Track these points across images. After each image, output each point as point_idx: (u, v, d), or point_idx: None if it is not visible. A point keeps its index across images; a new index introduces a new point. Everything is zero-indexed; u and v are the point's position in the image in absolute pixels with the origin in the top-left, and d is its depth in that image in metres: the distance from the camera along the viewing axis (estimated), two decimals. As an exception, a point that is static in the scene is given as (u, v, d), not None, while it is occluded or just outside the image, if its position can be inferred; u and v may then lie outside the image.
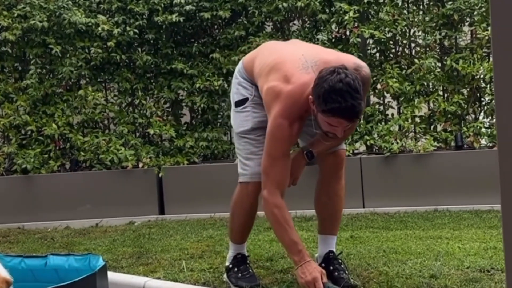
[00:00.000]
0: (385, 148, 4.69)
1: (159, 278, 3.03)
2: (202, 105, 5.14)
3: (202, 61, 5.20)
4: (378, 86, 4.96)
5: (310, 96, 2.43)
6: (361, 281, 2.72)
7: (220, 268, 3.14)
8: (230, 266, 2.89)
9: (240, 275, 2.84)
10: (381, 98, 5.03)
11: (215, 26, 5.42)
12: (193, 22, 5.25)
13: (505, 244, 1.43)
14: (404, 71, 4.94)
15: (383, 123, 4.92)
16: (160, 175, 4.91)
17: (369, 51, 5.08)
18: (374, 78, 4.92)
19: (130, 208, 4.86)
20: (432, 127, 4.93)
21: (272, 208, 2.60)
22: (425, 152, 4.62)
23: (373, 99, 5.09)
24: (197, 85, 5.06)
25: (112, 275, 2.87)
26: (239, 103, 2.76)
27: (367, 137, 4.83)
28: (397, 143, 4.70)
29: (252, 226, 2.95)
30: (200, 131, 5.16)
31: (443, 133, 4.77)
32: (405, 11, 5.02)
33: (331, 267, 2.78)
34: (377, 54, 5.10)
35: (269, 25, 5.31)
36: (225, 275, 2.93)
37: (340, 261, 2.84)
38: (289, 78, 2.50)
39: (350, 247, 3.42)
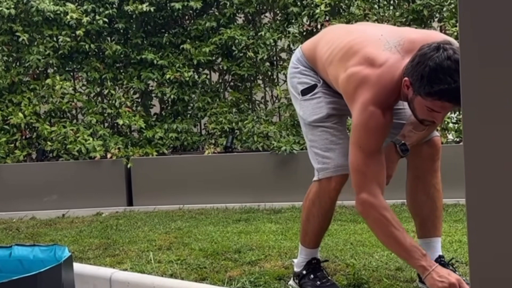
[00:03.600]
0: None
1: (126, 270, 3.00)
2: (172, 96, 5.11)
3: (172, 52, 5.16)
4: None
5: (406, 78, 2.10)
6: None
7: (188, 259, 3.13)
8: (304, 272, 2.57)
9: (319, 282, 2.53)
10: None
11: (186, 17, 5.38)
12: (164, 12, 5.20)
13: (469, 237, 1.45)
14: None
15: (352, 117, 4.96)
16: (128, 166, 4.87)
17: (339, 45, 5.10)
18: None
19: (98, 199, 4.81)
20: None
21: (381, 211, 2.18)
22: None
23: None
24: (168, 76, 5.02)
25: (78, 266, 2.84)
26: (306, 91, 2.48)
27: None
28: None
29: (328, 227, 2.62)
30: (170, 122, 5.13)
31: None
32: (376, 6, 5.05)
33: None
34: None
35: (240, 17, 5.30)
36: (293, 282, 2.63)
37: (454, 267, 2.52)
38: (374, 61, 2.18)
39: (318, 239, 3.44)
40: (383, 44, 2.22)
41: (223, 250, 3.27)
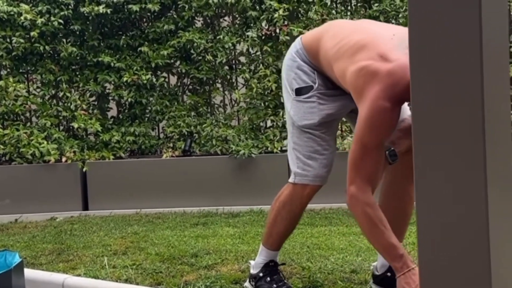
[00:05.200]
0: (312, 146, 4.75)
1: (79, 275, 2.94)
2: (129, 99, 5.05)
3: (130, 54, 5.10)
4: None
5: None
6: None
7: (143, 264, 3.09)
8: (261, 274, 2.54)
9: (275, 285, 2.51)
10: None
11: (144, 19, 5.33)
12: (121, 14, 5.14)
13: (419, 240, 1.47)
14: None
15: (310, 121, 4.98)
16: (84, 170, 4.79)
17: (298, 50, 5.12)
18: (303, 76, 4.97)
19: (52, 204, 4.71)
20: (357, 125, 5.04)
21: (364, 207, 2.14)
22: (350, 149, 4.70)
23: (301, 97, 5.14)
24: (125, 79, 4.97)
25: (29, 272, 2.78)
26: (301, 91, 2.39)
27: (294, 135, 4.87)
28: (324, 141, 4.76)
29: (293, 231, 2.60)
30: (127, 125, 5.07)
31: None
32: (333, 11, 5.10)
33: None
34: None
35: (199, 20, 5.28)
36: (248, 284, 2.60)
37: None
38: (386, 56, 2.10)
39: (275, 243, 3.44)
40: (396, 44, 2.14)
41: (179, 254, 3.25)
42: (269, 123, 5.11)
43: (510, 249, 1.44)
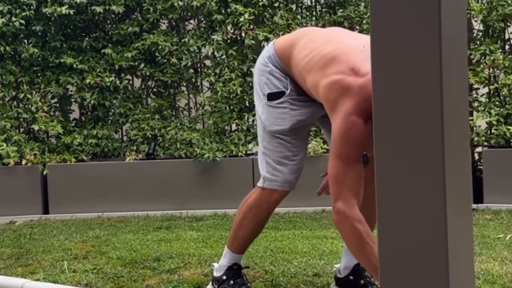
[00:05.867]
0: (276, 150, 4.75)
1: (38, 280, 2.88)
2: (92, 102, 4.98)
3: (93, 56, 5.03)
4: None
5: None
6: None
7: (104, 268, 3.05)
8: (224, 277, 2.55)
9: None
10: (274, 101, 5.09)
11: (108, 21, 5.27)
12: (85, 16, 5.07)
13: (379, 243, 1.49)
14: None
15: (275, 125, 4.98)
16: (44, 173, 4.70)
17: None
18: (268, 81, 4.98)
19: (11, 207, 4.61)
20: (322, 130, 5.06)
21: (354, 223, 2.10)
22: (315, 154, 4.72)
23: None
24: (88, 81, 4.90)
25: (-14, 277, 2.70)
26: (273, 96, 2.40)
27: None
28: (288, 145, 4.77)
29: (258, 235, 2.61)
30: (89, 128, 5.00)
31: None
32: (299, 16, 5.12)
33: (362, 281, 2.53)
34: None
35: (164, 23, 5.24)
36: (211, 287, 2.61)
37: (371, 274, 2.54)
38: (358, 70, 2.11)
39: (239, 246, 3.43)
40: (366, 55, 2.11)
41: (142, 258, 3.21)
42: (234, 127, 5.10)
43: (465, 249, 1.47)
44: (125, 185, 4.73)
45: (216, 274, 2.60)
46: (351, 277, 2.55)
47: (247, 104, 5.05)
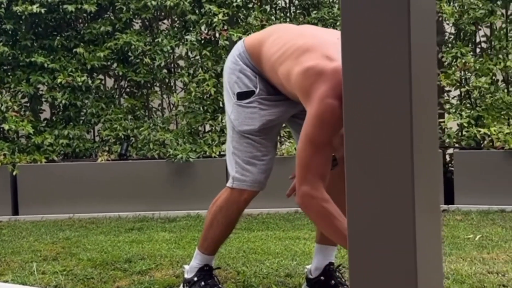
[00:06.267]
0: (250, 151, 4.75)
1: (6, 282, 2.83)
2: (63, 101, 4.91)
3: (64, 55, 4.97)
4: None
5: None
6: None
7: (74, 270, 3.01)
8: (196, 279, 2.53)
9: None
10: (248, 101, 5.09)
11: (80, 20, 5.21)
12: (56, 15, 5.01)
13: (349, 243, 1.49)
14: (271, 75, 5.03)
15: (249, 126, 4.98)
16: (14, 173, 4.63)
17: (237, 55, 5.12)
18: (241, 81, 4.98)
19: (-20, 209, 4.53)
20: (295, 131, 5.08)
21: (320, 203, 2.09)
22: (288, 155, 4.73)
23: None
24: (59, 80, 4.83)
25: (-49, 280, 2.65)
26: (242, 96, 2.39)
27: (233, 139, 4.86)
28: (262, 146, 4.77)
29: (229, 236, 2.59)
30: (60, 128, 4.93)
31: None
32: (273, 17, 5.12)
33: (333, 281, 2.53)
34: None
35: (137, 23, 5.20)
36: None
37: (341, 273, 2.58)
38: (331, 57, 2.11)
39: (211, 248, 3.41)
40: (339, 48, 2.14)
41: (113, 260, 3.17)
42: (207, 128, 5.08)
43: (434, 249, 1.48)
44: (97, 186, 4.68)
45: (187, 276, 2.58)
46: (322, 278, 2.55)
47: (221, 105, 5.03)
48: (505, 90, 4.67)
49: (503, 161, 4.39)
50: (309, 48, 2.20)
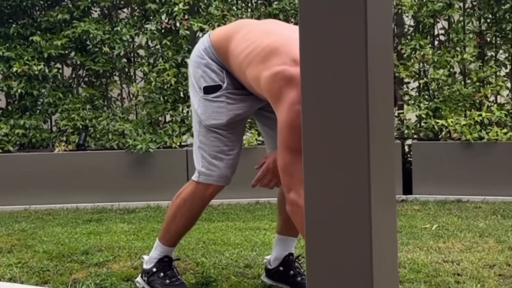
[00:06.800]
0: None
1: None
2: (19, 91, 4.80)
3: (20, 44, 4.85)
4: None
5: None
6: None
7: (30, 262, 2.95)
8: (154, 270, 2.52)
9: (168, 281, 2.50)
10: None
11: (37, 8, 5.09)
12: (12, 2, 4.87)
13: (306, 234, 1.49)
14: (232, 66, 5.01)
15: (210, 116, 4.95)
16: (-32, 164, 4.51)
17: (198, 44, 5.08)
18: (202, 72, 4.95)
19: None
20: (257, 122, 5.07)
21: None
22: (249, 146, 4.72)
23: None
24: (15, 69, 4.71)
25: None
26: (209, 90, 2.37)
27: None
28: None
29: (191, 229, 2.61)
30: (16, 118, 4.82)
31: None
32: (234, 8, 5.09)
33: (292, 272, 2.55)
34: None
35: (96, 11, 5.11)
36: (140, 279, 2.56)
37: (300, 263, 2.62)
38: (298, 60, 2.17)
39: (170, 239, 3.39)
40: None
41: (69, 252, 3.13)
42: (168, 118, 5.04)
43: (388, 238, 1.49)
44: (54, 177, 4.59)
45: (146, 266, 2.57)
46: (281, 268, 2.56)
47: (182, 95, 4.99)
48: (462, 82, 4.75)
49: (459, 152, 4.47)
50: (276, 48, 2.20)
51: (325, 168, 1.46)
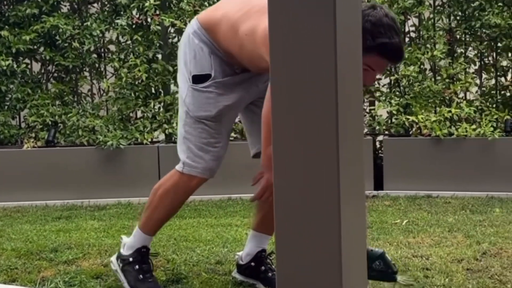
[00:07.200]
0: (182, 138, 4.70)
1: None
2: (-13, 86, 4.71)
3: (-12, 38, 4.76)
4: (178, 75, 4.96)
5: None
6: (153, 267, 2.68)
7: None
8: (131, 259, 2.48)
9: (141, 276, 2.45)
10: (181, 88, 5.03)
11: (4, 2, 4.99)
12: (-21, -5, 4.79)
13: (276, 231, 1.49)
14: (204, 62, 4.98)
15: (181, 112, 4.92)
16: None
17: (170, 40, 5.05)
18: (175, 67, 4.91)
19: None
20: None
21: None
22: (221, 142, 4.71)
23: (173, 88, 5.08)
24: (-18, 64, 4.63)
25: None
26: (198, 79, 2.33)
27: (166, 126, 4.80)
28: (195, 132, 4.73)
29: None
30: (-16, 114, 4.73)
31: (239, 124, 4.91)
32: (206, 3, 5.06)
33: (263, 267, 2.55)
34: (178, 44, 5.08)
35: (65, 5, 5.03)
36: (115, 261, 2.51)
37: (271, 259, 2.60)
38: None
39: (141, 236, 3.36)
40: None
41: (38, 249, 3.08)
42: (139, 114, 4.99)
43: (357, 234, 1.50)
44: (22, 173, 4.52)
45: (123, 251, 2.51)
46: (252, 264, 2.56)
47: (153, 91, 4.95)
48: (433, 79, 4.80)
49: (430, 148, 4.52)
50: None
51: (295, 163, 1.46)
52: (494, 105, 4.70)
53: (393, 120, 4.77)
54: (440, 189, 4.40)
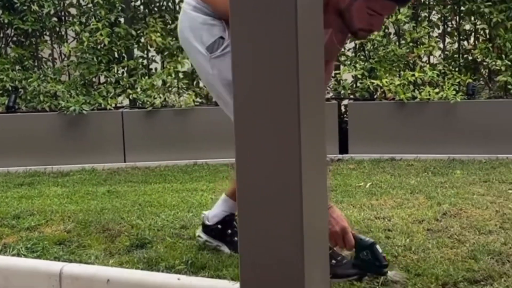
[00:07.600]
0: (147, 103, 4.65)
1: None
2: None
3: None
4: (142, 39, 4.88)
5: None
6: (110, 234, 2.67)
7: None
8: (220, 227, 2.49)
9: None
10: (145, 52, 4.96)
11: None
12: None
13: (238, 196, 1.49)
14: (168, 26, 4.91)
15: (146, 77, 4.86)
16: None
17: (133, 3, 4.95)
18: (138, 31, 4.83)
19: None
20: (194, 82, 5.01)
21: None
22: (186, 107, 4.68)
23: (137, 52, 5.00)
24: None
25: None
26: (213, 47, 2.22)
27: (130, 91, 4.74)
28: (160, 97, 4.68)
29: None
30: None
31: (204, 89, 4.87)
32: (169, -35, 4.96)
33: (230, 231, 2.52)
34: (141, 7, 4.99)
35: (23, -34, 4.87)
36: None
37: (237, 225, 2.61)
38: None
39: (106, 201, 3.34)
40: None
41: (0, 216, 3.03)
42: (102, 79, 4.91)
43: (319, 196, 1.51)
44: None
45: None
46: (219, 226, 2.56)
47: (116, 56, 4.87)
48: (397, 43, 4.82)
49: (394, 111, 4.56)
50: None
51: (256, 129, 1.46)
52: (456, 69, 4.75)
53: (358, 84, 4.79)
54: (403, 152, 4.46)
